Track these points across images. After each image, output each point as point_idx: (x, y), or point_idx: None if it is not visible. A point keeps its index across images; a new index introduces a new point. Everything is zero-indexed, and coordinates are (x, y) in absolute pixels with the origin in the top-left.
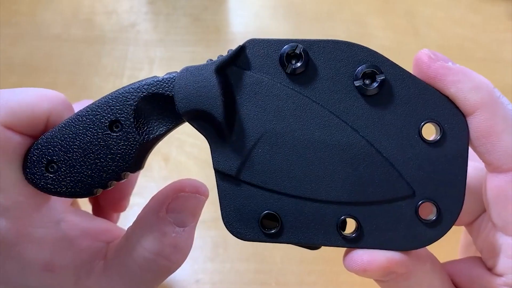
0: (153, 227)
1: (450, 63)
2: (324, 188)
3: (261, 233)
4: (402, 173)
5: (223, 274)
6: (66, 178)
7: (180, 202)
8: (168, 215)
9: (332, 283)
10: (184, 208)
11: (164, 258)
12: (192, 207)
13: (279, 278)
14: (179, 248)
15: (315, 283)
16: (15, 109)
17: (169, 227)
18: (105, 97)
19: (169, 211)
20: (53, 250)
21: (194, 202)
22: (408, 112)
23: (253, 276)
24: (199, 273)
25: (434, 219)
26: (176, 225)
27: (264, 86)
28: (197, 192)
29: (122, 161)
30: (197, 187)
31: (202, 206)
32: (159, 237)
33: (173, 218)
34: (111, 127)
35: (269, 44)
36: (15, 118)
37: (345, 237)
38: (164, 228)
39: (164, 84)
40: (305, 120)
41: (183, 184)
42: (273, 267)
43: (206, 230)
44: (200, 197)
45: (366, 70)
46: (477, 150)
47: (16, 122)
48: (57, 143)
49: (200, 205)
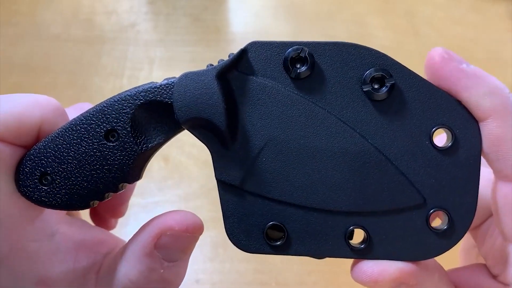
0: (140, 260)
1: (465, 64)
2: (331, 198)
3: (266, 245)
4: (413, 181)
5: (223, 274)
6: (61, 190)
7: (168, 240)
8: (156, 250)
9: (332, 283)
10: (173, 246)
11: None
12: (183, 245)
13: (279, 278)
14: (168, 282)
15: (315, 283)
16: (4, 119)
17: (157, 263)
18: (100, 105)
19: (157, 248)
20: (46, 264)
21: (185, 240)
22: (419, 117)
23: (253, 276)
24: (199, 273)
25: (446, 228)
26: (166, 260)
27: (267, 91)
28: (187, 230)
29: (119, 172)
30: (187, 226)
31: (194, 242)
32: (146, 272)
33: (162, 254)
34: (107, 136)
35: (272, 47)
36: (5, 129)
37: (354, 248)
38: (151, 264)
39: (162, 91)
40: (311, 126)
41: (172, 222)
42: (273, 267)
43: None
44: (191, 236)
45: (375, 74)
46: (487, 157)
47: (6, 133)
48: (50, 154)
49: (192, 242)
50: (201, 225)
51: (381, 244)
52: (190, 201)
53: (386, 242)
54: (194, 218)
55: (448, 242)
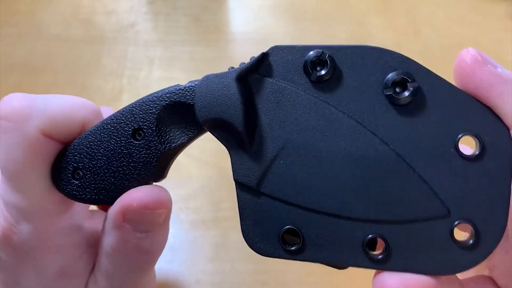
0: (113, 232)
1: (500, 69)
2: (350, 204)
3: (281, 249)
4: (436, 190)
5: (223, 275)
6: (90, 185)
7: (133, 215)
8: (125, 223)
9: (332, 283)
10: (138, 220)
11: (132, 259)
12: (148, 219)
13: (279, 278)
14: (144, 250)
15: (315, 283)
16: (55, 117)
17: (129, 235)
18: (129, 106)
19: (125, 221)
20: (70, 257)
21: (148, 215)
22: (444, 123)
23: (253, 276)
24: (199, 273)
25: (472, 242)
26: (137, 231)
27: (287, 94)
28: (146, 207)
29: (144, 170)
30: (146, 203)
31: (161, 216)
32: (121, 242)
33: (131, 226)
34: (134, 135)
35: (294, 50)
36: (54, 126)
37: (372, 258)
38: (123, 236)
39: (186, 92)
40: (330, 130)
41: (130, 200)
42: (273, 267)
43: (206, 230)
44: (151, 212)
45: (396, 78)
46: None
47: (55, 130)
48: (83, 150)
49: (156, 216)
50: (164, 200)
51: (400, 255)
52: (190, 201)
53: (406, 254)
54: (156, 194)
55: (475, 257)
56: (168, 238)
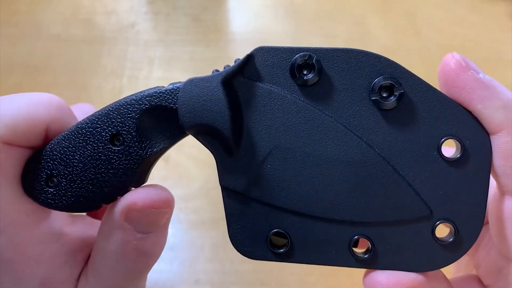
0: (113, 233)
1: (481, 74)
2: (335, 207)
3: (269, 252)
4: (419, 192)
5: (223, 275)
6: (67, 193)
7: (136, 214)
8: (126, 223)
9: (332, 283)
10: (141, 219)
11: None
12: (151, 219)
13: (279, 278)
14: (143, 252)
15: (315, 283)
16: (13, 123)
17: (130, 235)
18: (106, 108)
19: (127, 221)
20: (51, 266)
21: (152, 215)
22: (428, 127)
23: (253, 276)
24: (199, 273)
25: (451, 240)
26: (138, 232)
27: (273, 98)
28: (151, 206)
29: (124, 176)
30: (151, 202)
31: (164, 216)
32: (121, 243)
33: (133, 226)
34: (112, 140)
35: (279, 52)
36: (14, 132)
37: (358, 258)
38: (124, 236)
39: (167, 96)
40: (317, 134)
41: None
42: (273, 267)
43: (206, 230)
44: (156, 211)
45: (383, 83)
46: (495, 170)
47: (16, 136)
48: (56, 156)
49: (159, 216)
50: (168, 200)
51: (386, 255)
52: (190, 201)
53: (391, 253)
54: (161, 194)
55: (454, 254)
56: (168, 238)
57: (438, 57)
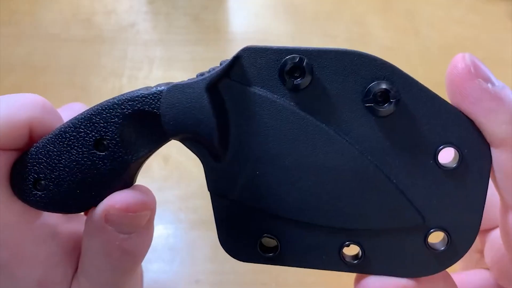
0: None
1: (490, 84)
2: (326, 214)
3: (260, 256)
4: (412, 200)
5: (223, 275)
6: (55, 195)
7: (115, 216)
8: (107, 224)
9: (332, 283)
10: (120, 221)
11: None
12: (130, 221)
13: (279, 278)
14: (127, 251)
15: (315, 283)
16: None
17: (112, 236)
18: (88, 112)
19: (107, 223)
20: (46, 267)
21: (130, 218)
22: (424, 135)
23: (253, 276)
24: (199, 273)
25: (444, 249)
26: (120, 233)
27: (261, 102)
28: (127, 210)
29: (111, 180)
30: (128, 206)
31: (143, 219)
32: (104, 243)
33: (114, 227)
34: (96, 145)
35: (268, 53)
36: None
37: (348, 263)
38: (106, 237)
39: (150, 100)
40: (307, 141)
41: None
42: (273, 268)
43: (206, 231)
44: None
45: (378, 89)
46: (497, 184)
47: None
48: (42, 160)
49: (138, 219)
50: (146, 203)
51: (376, 261)
52: (189, 201)
53: (381, 259)
54: (137, 198)
55: (445, 262)
56: (168, 238)
57: (438, 57)
